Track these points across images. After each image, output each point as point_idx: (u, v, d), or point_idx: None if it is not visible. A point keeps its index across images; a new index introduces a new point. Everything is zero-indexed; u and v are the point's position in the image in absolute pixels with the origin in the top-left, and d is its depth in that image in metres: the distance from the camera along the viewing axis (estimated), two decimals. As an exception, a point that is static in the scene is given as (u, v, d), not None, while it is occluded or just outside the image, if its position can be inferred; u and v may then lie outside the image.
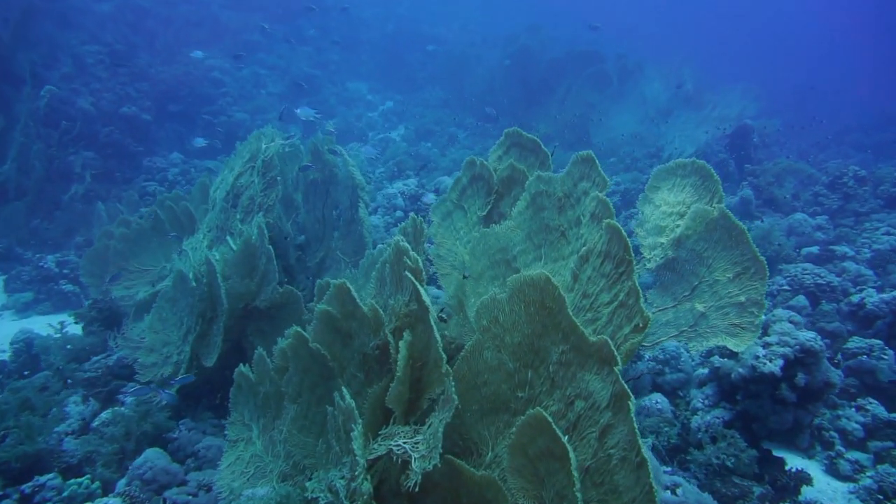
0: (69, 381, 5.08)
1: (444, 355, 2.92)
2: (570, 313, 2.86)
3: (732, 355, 4.65)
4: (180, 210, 6.19)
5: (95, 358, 5.58)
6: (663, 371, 5.26)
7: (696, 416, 4.63)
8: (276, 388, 3.80)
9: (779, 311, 4.83)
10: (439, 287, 4.97)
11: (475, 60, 17.43)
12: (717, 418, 4.49)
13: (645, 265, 3.15)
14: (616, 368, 2.63)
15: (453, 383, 2.90)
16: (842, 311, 6.22)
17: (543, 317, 3.03)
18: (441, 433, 2.76)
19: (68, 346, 5.85)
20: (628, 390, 2.51)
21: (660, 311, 3.07)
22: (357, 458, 2.72)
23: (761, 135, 12.14)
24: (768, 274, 2.71)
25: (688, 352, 5.20)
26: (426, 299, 3.05)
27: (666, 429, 4.86)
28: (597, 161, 3.25)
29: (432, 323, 2.98)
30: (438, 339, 2.94)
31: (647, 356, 5.18)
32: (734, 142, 11.81)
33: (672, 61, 14.27)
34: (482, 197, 4.16)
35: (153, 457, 3.94)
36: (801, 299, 6.40)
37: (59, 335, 6.10)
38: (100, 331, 6.00)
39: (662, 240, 3.13)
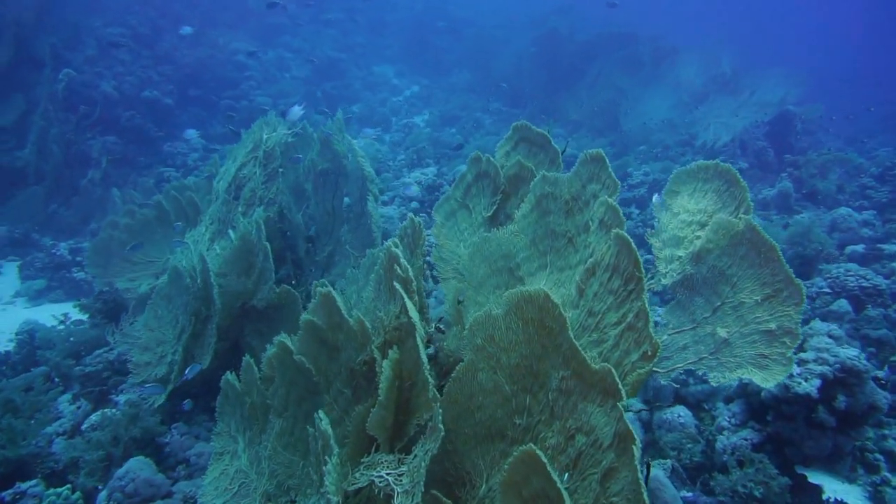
0: (57, 378, 4.91)
1: (430, 379, 2.62)
2: (572, 335, 2.53)
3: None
4: (185, 200, 5.98)
5: (98, 352, 5.43)
6: (687, 381, 4.88)
7: (721, 436, 4.25)
8: (263, 399, 3.56)
9: (817, 324, 4.39)
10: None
11: (503, 43, 16.91)
12: (745, 440, 4.11)
13: (660, 280, 2.79)
14: (620, 404, 2.30)
15: (441, 410, 2.60)
16: (890, 317, 5.73)
17: (543, 337, 2.71)
18: (425, 467, 2.48)
19: (71, 339, 5.73)
20: (633, 432, 2.18)
21: (676, 333, 2.71)
22: (330, 496, 2.44)
23: (805, 121, 11.48)
24: (805, 299, 2.33)
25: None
26: (414, 315, 2.75)
27: (689, 445, 4.50)
28: (607, 161, 2.89)
29: (419, 342, 2.68)
30: (425, 360, 2.65)
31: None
32: (775, 129, 11.17)
33: (709, 43, 13.59)
34: (488, 196, 3.83)
35: (136, 467, 3.73)
36: (844, 304, 5.91)
37: (62, 327, 5.97)
38: (104, 323, 5.85)
39: (680, 252, 2.76)
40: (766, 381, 2.36)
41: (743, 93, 12.49)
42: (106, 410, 4.35)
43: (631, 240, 2.54)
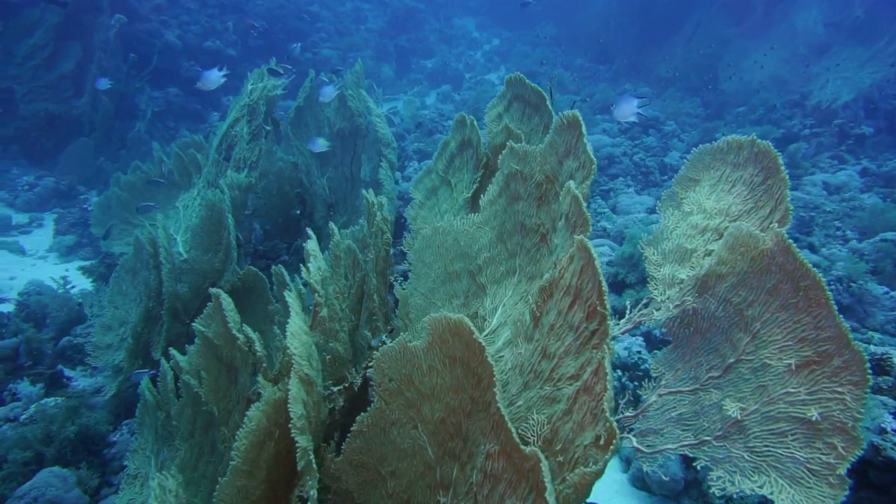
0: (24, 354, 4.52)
1: (302, 441, 1.84)
2: (499, 396, 1.68)
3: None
4: (188, 159, 5.42)
5: (91, 321, 5.06)
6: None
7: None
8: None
9: (927, 357, 3.22)
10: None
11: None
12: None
13: (653, 313, 1.84)
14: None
15: (317, 486, 1.85)
16: None
17: (472, 387, 1.87)
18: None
19: (69, 305, 5.39)
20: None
21: (670, 394, 1.78)
22: None
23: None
24: (870, 377, 1.35)
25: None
26: (294, 343, 1.95)
27: (739, 493, 3.50)
28: (583, 128, 1.94)
29: (293, 384, 1.89)
30: (296, 414, 1.85)
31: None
32: (917, 85, 9.29)
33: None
34: (470, 171, 2.94)
35: (44, 482, 3.18)
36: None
37: (62, 291, 5.63)
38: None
39: (684, 273, 1.80)
40: (797, 507, 1.41)
41: (879, 40, 10.41)
42: (45, 400, 3.88)
43: (596, 254, 1.62)
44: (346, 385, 2.56)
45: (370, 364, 2.71)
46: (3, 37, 10.62)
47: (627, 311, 1.97)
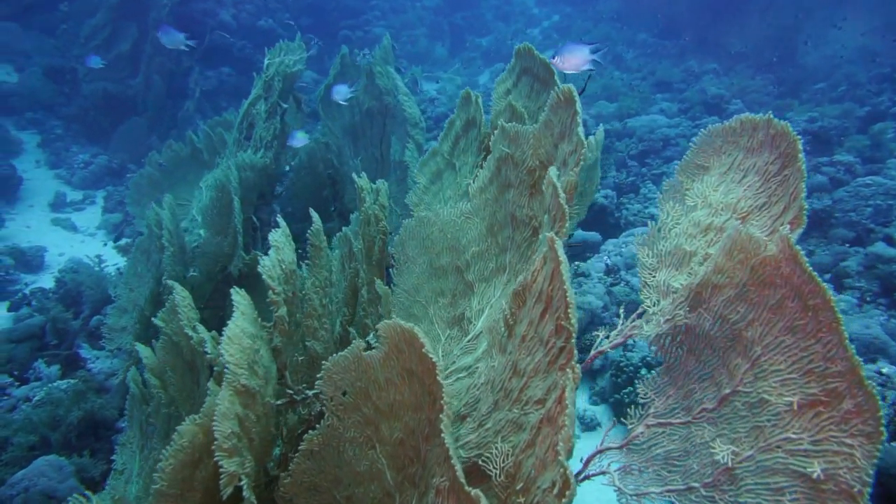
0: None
1: (233, 466, 1.63)
2: (446, 424, 1.43)
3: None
4: (216, 137, 5.34)
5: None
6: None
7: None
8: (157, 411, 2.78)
9: None
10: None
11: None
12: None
13: (643, 327, 1.53)
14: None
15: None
16: None
17: (428, 407, 1.62)
18: None
19: (103, 284, 5.43)
20: None
21: (658, 425, 1.48)
22: None
23: None
24: (884, 425, 1.02)
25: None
26: (229, 350, 1.75)
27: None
28: (578, 106, 1.63)
29: (224, 396, 1.68)
30: (223, 433, 1.64)
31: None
32: None
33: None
34: (474, 154, 2.66)
35: (37, 472, 3.09)
36: None
37: (97, 269, 5.68)
38: (139, 269, 5.48)
39: (678, 282, 1.48)
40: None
41: None
42: (57, 383, 3.85)
43: (564, 256, 1.33)
44: (325, 387, 2.36)
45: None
46: (69, 17, 10.90)
47: (620, 322, 1.67)
